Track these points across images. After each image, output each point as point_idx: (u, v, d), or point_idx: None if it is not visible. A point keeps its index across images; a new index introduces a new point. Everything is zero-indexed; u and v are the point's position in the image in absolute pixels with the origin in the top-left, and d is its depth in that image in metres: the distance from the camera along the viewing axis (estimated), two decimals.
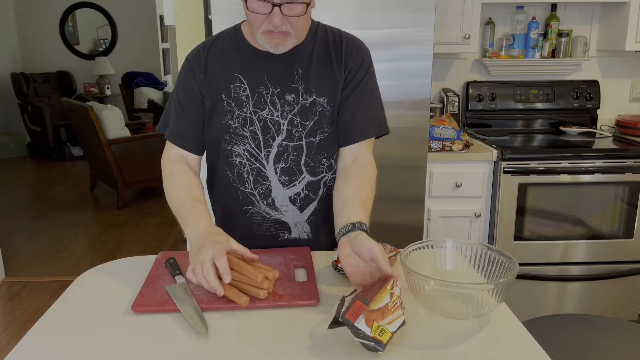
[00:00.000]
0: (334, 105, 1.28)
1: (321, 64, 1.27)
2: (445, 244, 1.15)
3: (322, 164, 1.31)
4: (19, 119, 7.05)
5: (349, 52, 1.28)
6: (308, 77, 1.26)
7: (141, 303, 1.04)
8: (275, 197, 1.32)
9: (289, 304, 1.05)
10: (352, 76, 1.28)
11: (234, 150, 1.29)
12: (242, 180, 1.31)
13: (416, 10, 2.13)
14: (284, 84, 1.26)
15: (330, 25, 1.34)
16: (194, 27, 2.37)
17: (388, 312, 0.91)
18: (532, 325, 1.31)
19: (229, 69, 1.27)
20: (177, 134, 1.33)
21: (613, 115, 3.07)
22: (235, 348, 0.92)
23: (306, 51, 1.27)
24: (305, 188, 1.32)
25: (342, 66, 1.28)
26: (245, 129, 1.27)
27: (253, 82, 1.26)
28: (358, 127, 1.30)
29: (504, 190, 2.47)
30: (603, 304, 2.64)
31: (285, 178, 1.30)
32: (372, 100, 1.32)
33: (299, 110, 1.26)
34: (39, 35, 7.25)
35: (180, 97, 1.31)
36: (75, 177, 5.86)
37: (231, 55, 1.28)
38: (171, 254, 1.26)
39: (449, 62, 2.98)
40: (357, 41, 1.32)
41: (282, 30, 1.16)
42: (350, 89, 1.29)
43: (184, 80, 1.31)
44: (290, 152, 1.28)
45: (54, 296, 3.11)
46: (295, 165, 1.29)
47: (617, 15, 2.78)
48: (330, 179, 1.34)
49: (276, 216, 1.34)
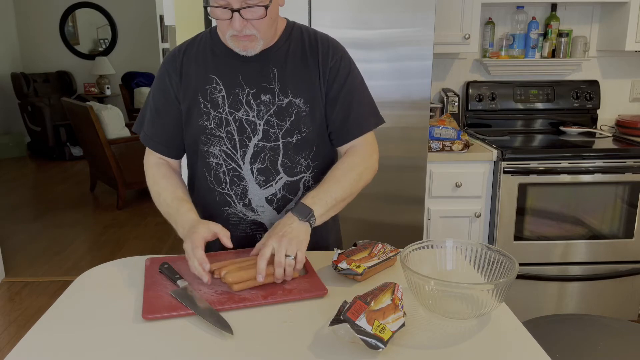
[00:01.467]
0: (311, 105, 1.29)
1: (297, 64, 1.28)
2: (445, 244, 1.15)
3: (300, 164, 1.31)
4: (19, 119, 7.06)
5: (325, 52, 1.29)
6: (284, 77, 1.27)
7: (151, 310, 1.02)
8: (252, 197, 1.32)
9: (301, 296, 1.06)
10: (334, 74, 1.29)
11: (211, 151, 1.30)
12: (219, 181, 1.32)
13: (416, 10, 2.13)
14: (260, 84, 1.26)
15: (306, 26, 1.35)
16: (194, 27, 2.37)
17: (389, 312, 0.91)
18: (532, 325, 1.31)
19: (204, 71, 1.28)
20: (152, 138, 1.35)
21: (613, 115, 3.07)
22: (238, 348, 0.92)
23: (281, 52, 1.28)
24: (282, 188, 1.32)
25: (318, 66, 1.28)
26: (221, 130, 1.28)
27: (228, 83, 1.27)
28: (353, 126, 1.31)
29: (504, 190, 2.47)
30: (603, 304, 2.64)
31: (261, 178, 1.30)
32: (362, 96, 1.33)
33: (275, 110, 1.27)
34: (39, 35, 7.26)
35: (156, 100, 1.33)
36: (75, 177, 5.86)
37: (207, 57, 1.29)
38: (159, 259, 1.25)
39: (449, 62, 2.98)
40: (332, 40, 1.33)
41: (246, 33, 1.17)
42: (337, 88, 1.29)
43: (160, 83, 1.32)
44: (266, 152, 1.29)
45: (54, 296, 3.11)
46: (271, 165, 1.29)
47: (617, 15, 2.78)
48: (309, 179, 1.34)
49: (252, 217, 1.34)
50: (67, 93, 7.07)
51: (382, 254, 1.22)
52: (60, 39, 7.28)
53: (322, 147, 1.34)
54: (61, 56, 7.32)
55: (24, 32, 7.23)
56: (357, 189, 1.28)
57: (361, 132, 1.32)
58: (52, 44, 7.28)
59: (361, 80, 1.35)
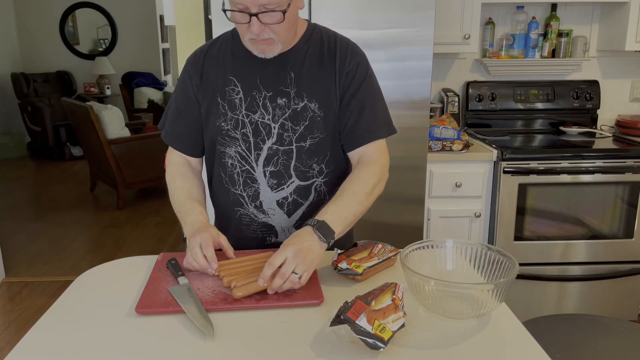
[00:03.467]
0: (326, 110, 1.28)
1: (314, 68, 1.28)
2: (445, 244, 1.15)
3: (313, 169, 1.31)
4: (19, 119, 7.05)
5: (343, 55, 1.28)
6: (300, 81, 1.27)
7: (144, 305, 1.04)
8: (263, 200, 1.32)
9: (294, 303, 1.05)
10: (350, 80, 1.28)
11: (227, 152, 1.31)
12: (234, 181, 1.33)
13: (416, 10, 2.13)
14: (276, 87, 1.27)
15: (327, 28, 1.34)
16: (194, 27, 2.37)
17: (389, 312, 0.91)
18: (532, 325, 1.31)
19: (224, 72, 1.29)
20: (173, 137, 1.37)
21: (613, 115, 3.07)
22: (239, 348, 0.92)
23: (300, 54, 1.28)
24: (293, 192, 1.32)
25: (335, 70, 1.27)
26: (237, 131, 1.29)
27: (246, 85, 1.27)
28: (363, 131, 1.29)
29: (504, 190, 2.47)
30: (603, 304, 2.64)
31: (273, 181, 1.31)
32: (376, 103, 1.32)
33: (290, 114, 1.27)
34: (39, 35, 7.25)
35: (179, 101, 1.35)
36: (75, 177, 5.86)
37: (227, 58, 1.30)
38: (172, 255, 1.26)
39: (449, 62, 2.98)
40: (352, 44, 1.32)
41: (264, 37, 1.18)
42: (352, 93, 1.28)
43: (182, 84, 1.34)
44: (280, 155, 1.29)
45: (54, 296, 3.11)
46: (284, 169, 1.30)
47: (617, 15, 2.78)
48: (321, 184, 1.33)
49: (263, 219, 1.35)
50: (67, 93, 7.07)
51: (382, 254, 1.22)
52: (60, 39, 7.28)
53: (336, 153, 1.34)
54: (61, 56, 7.31)
55: (24, 32, 7.23)
56: (371, 203, 1.27)
57: (371, 139, 1.30)
58: (52, 44, 7.28)
59: (377, 88, 1.33)
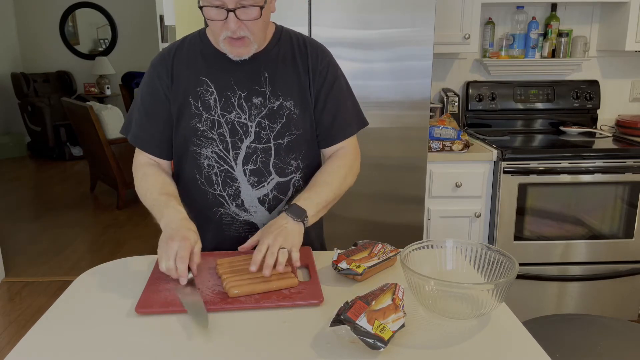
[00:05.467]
0: (301, 108, 1.32)
1: (287, 68, 1.31)
2: (445, 244, 1.15)
3: (291, 165, 1.34)
4: (19, 119, 7.05)
5: (314, 56, 1.33)
6: (274, 81, 1.29)
7: (144, 304, 1.04)
8: (245, 198, 1.33)
9: (294, 303, 1.05)
10: (322, 79, 1.32)
11: (202, 153, 1.31)
12: (211, 182, 1.33)
13: (416, 10, 2.13)
14: (251, 87, 1.28)
15: (294, 30, 1.37)
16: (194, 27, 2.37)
17: (389, 312, 0.91)
18: (532, 325, 1.31)
19: (195, 73, 1.29)
20: (142, 139, 1.35)
21: (613, 115, 3.07)
22: (239, 348, 0.92)
23: (271, 55, 1.30)
24: (274, 189, 1.34)
25: (308, 69, 1.32)
26: (214, 132, 1.29)
27: (220, 86, 1.28)
28: (338, 130, 1.36)
29: (504, 190, 2.47)
30: (603, 304, 2.64)
31: (254, 179, 1.32)
32: (348, 102, 1.38)
33: (266, 113, 1.29)
34: (39, 35, 7.25)
35: (145, 102, 1.33)
36: (75, 177, 5.86)
37: (197, 59, 1.30)
38: None
39: (449, 62, 2.98)
40: (320, 45, 1.37)
41: (240, 35, 1.19)
42: (325, 92, 1.33)
43: (150, 85, 1.32)
44: (259, 153, 1.30)
45: (54, 296, 3.11)
46: (264, 166, 1.31)
47: (617, 15, 2.78)
48: (298, 180, 1.36)
49: (245, 217, 1.35)
50: (67, 93, 7.07)
51: (382, 254, 1.22)
52: (60, 39, 7.28)
53: (311, 148, 1.38)
54: (61, 56, 7.31)
55: (24, 32, 7.23)
56: (342, 192, 1.33)
57: (344, 137, 1.37)
58: (52, 44, 7.28)
59: (347, 85, 1.40)
